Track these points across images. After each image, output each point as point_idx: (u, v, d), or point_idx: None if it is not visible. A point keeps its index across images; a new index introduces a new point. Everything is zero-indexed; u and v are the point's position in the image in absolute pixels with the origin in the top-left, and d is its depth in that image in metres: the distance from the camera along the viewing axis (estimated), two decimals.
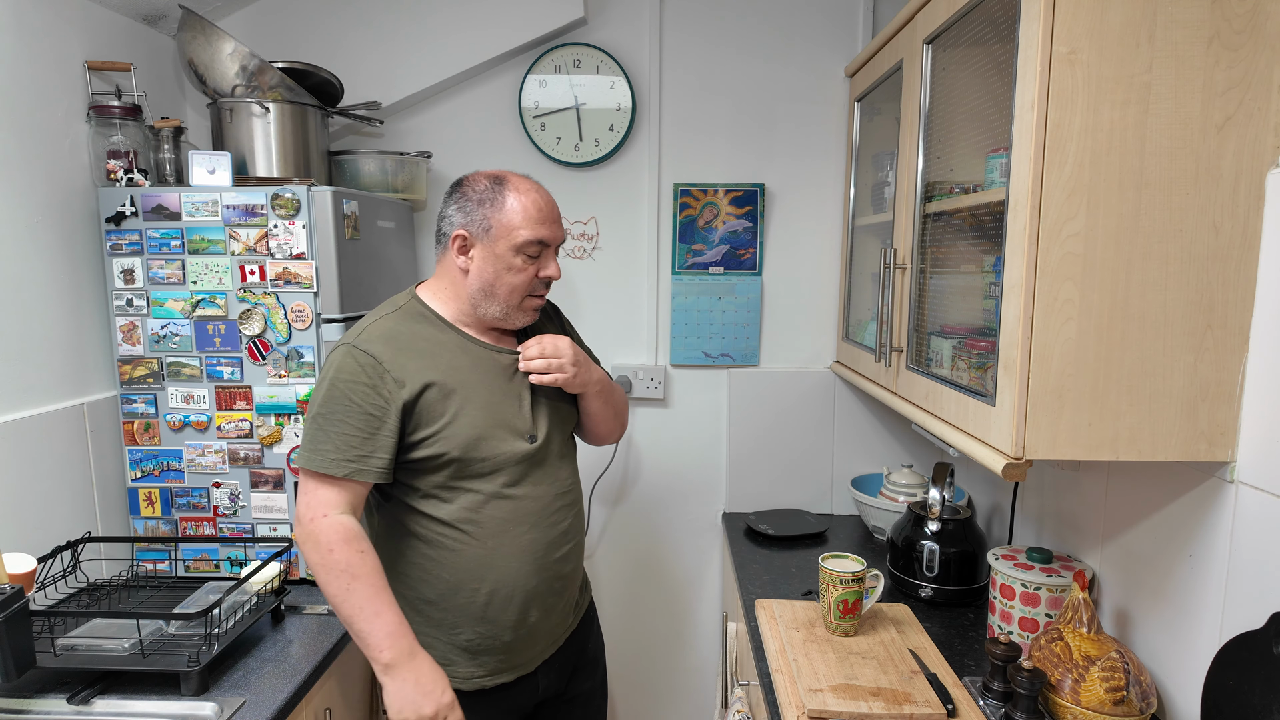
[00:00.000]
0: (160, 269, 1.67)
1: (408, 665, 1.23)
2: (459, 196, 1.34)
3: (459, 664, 1.35)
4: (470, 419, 1.31)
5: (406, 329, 1.33)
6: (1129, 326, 1.06)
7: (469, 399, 1.32)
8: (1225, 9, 1.00)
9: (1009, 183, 1.11)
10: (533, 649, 1.41)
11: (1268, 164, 1.03)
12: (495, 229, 1.31)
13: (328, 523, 1.24)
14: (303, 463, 1.26)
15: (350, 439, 1.25)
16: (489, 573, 1.33)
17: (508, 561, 1.34)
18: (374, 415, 1.26)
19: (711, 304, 2.23)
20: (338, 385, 1.26)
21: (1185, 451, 1.08)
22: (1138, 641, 1.31)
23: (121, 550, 1.73)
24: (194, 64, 1.75)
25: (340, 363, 1.28)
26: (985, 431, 1.18)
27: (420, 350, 1.31)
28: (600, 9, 2.14)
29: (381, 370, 1.27)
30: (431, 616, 1.35)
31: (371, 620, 1.22)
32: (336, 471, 1.24)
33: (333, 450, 1.25)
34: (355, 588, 1.22)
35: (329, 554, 1.22)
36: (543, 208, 1.33)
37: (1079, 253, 1.05)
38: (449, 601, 1.34)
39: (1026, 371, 1.08)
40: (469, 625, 1.34)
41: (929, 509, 1.73)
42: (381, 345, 1.29)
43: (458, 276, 1.35)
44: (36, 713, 1.27)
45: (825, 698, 1.26)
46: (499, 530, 1.33)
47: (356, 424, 1.25)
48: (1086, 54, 1.02)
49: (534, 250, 1.32)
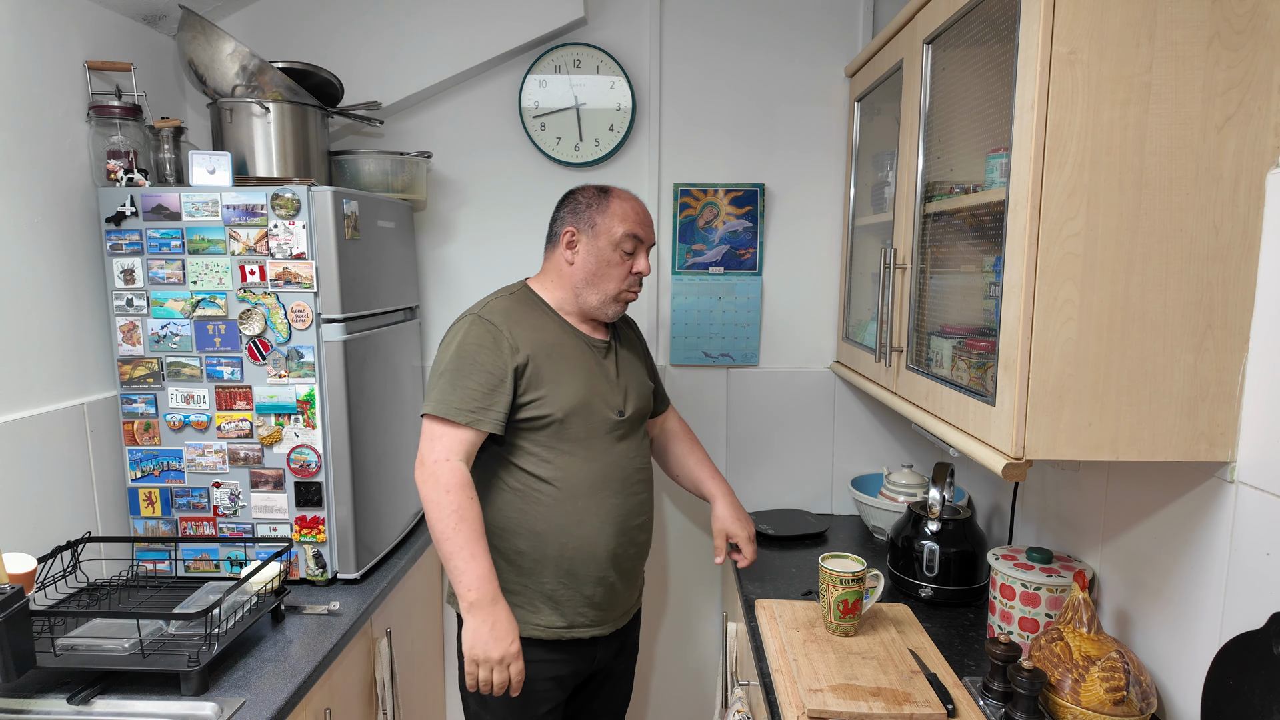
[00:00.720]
0: (160, 269, 1.67)
1: (489, 609, 1.39)
2: (570, 202, 1.59)
3: (543, 611, 1.53)
4: (572, 387, 1.51)
5: (520, 309, 1.56)
6: (1129, 326, 1.06)
7: (572, 371, 1.53)
8: (1225, 9, 1.00)
9: (1009, 183, 1.11)
10: (608, 612, 1.58)
11: (1268, 164, 1.03)
12: (599, 226, 1.55)
13: (449, 466, 1.43)
14: (432, 409, 1.45)
15: (474, 393, 1.45)
16: (576, 528, 1.51)
17: (594, 519, 1.52)
18: (494, 374, 1.46)
19: (711, 304, 2.23)
20: (465, 347, 1.47)
21: (1185, 451, 1.08)
22: (1138, 641, 1.31)
23: (121, 550, 1.73)
24: (194, 64, 1.75)
25: (468, 329, 1.49)
26: (985, 431, 1.18)
27: (532, 326, 1.53)
28: (600, 9, 2.14)
29: (501, 336, 1.48)
30: (521, 566, 1.52)
31: (469, 561, 1.39)
32: (461, 419, 1.44)
33: (458, 401, 1.44)
34: (461, 529, 1.40)
35: (446, 494, 1.41)
36: (639, 211, 1.58)
37: (1079, 253, 1.05)
38: (539, 551, 1.51)
39: (1026, 371, 1.08)
40: (554, 576, 1.52)
41: (929, 509, 1.73)
42: (502, 317, 1.51)
43: (564, 268, 1.58)
44: (36, 713, 1.27)
45: (825, 698, 1.26)
46: (588, 490, 1.52)
47: (480, 380, 1.45)
48: (1086, 54, 1.02)
49: (629, 245, 1.55)
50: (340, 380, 1.68)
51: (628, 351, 1.69)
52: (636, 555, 1.62)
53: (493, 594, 1.40)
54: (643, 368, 1.72)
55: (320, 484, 1.70)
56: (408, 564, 1.93)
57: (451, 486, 1.41)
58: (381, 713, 1.73)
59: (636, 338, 1.79)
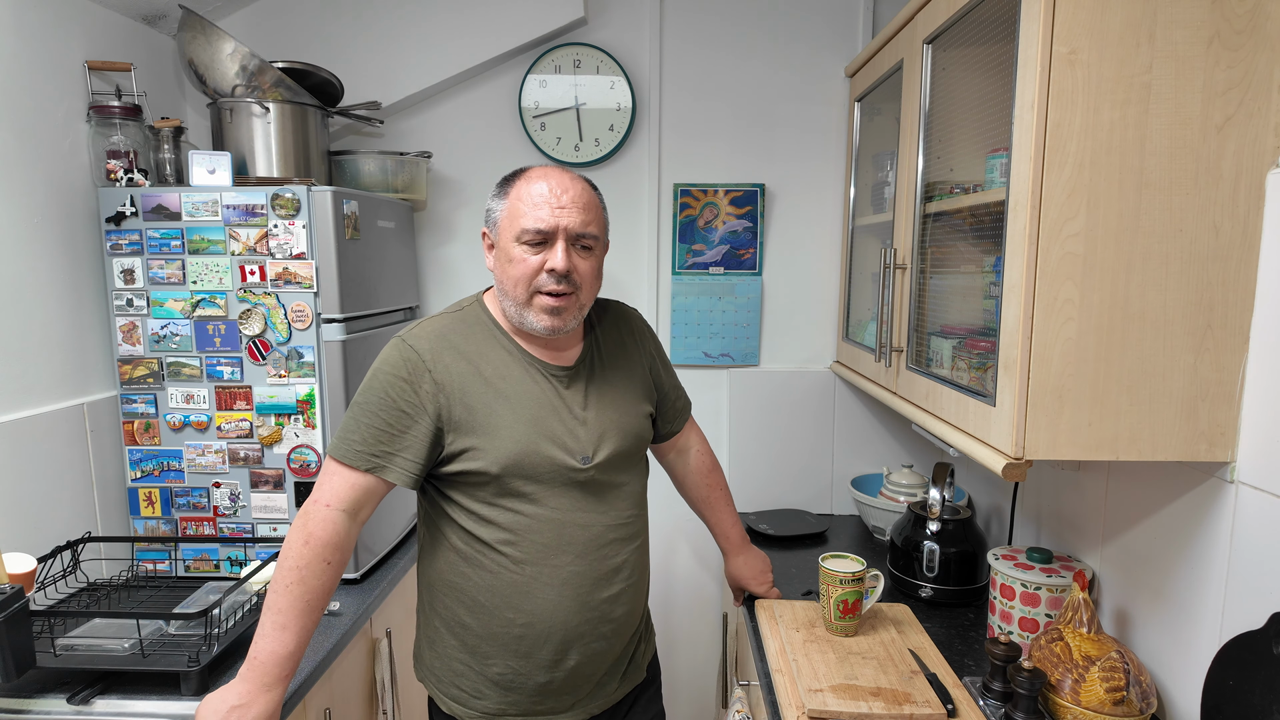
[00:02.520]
0: (160, 269, 1.67)
1: (255, 692, 1.14)
2: (492, 195, 1.30)
3: (489, 697, 1.27)
4: (513, 432, 1.22)
5: (460, 331, 1.28)
6: (1129, 326, 1.06)
7: (515, 411, 1.24)
8: (1225, 9, 1.00)
9: (1009, 183, 1.11)
10: (571, 696, 1.29)
11: (1268, 164, 1.03)
12: (500, 221, 1.25)
13: (325, 514, 1.19)
14: (330, 448, 1.23)
15: (379, 433, 1.20)
16: (525, 602, 1.24)
17: (546, 592, 1.24)
18: (406, 413, 1.21)
19: (711, 304, 2.23)
20: (378, 377, 1.23)
21: (1185, 451, 1.08)
22: (1138, 641, 1.31)
23: (121, 550, 1.73)
24: (194, 64, 1.75)
25: (386, 354, 1.25)
26: (985, 431, 1.18)
27: (468, 354, 1.25)
28: (600, 9, 2.14)
29: (423, 368, 1.22)
30: (465, 641, 1.27)
31: (276, 630, 1.15)
32: (359, 464, 1.20)
33: (359, 442, 1.20)
34: (292, 590, 1.16)
35: (303, 546, 1.17)
36: (554, 192, 1.21)
37: (1079, 253, 1.05)
38: (484, 627, 1.26)
39: (1026, 371, 1.08)
40: (502, 657, 1.26)
41: (929, 509, 1.73)
42: (429, 343, 1.24)
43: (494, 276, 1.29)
44: (36, 713, 1.27)
45: (825, 698, 1.26)
46: (540, 557, 1.24)
47: (387, 419, 1.21)
48: (1087, 54, 1.02)
49: (530, 238, 1.20)
50: (340, 380, 1.68)
51: (614, 372, 1.35)
52: (612, 634, 1.29)
53: (273, 681, 1.15)
54: (637, 390, 1.38)
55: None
56: (408, 564, 1.93)
57: (314, 538, 1.17)
58: (381, 713, 1.73)
59: (636, 345, 1.42)
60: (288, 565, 1.17)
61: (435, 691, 1.33)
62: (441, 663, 1.31)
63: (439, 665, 1.32)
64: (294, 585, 1.16)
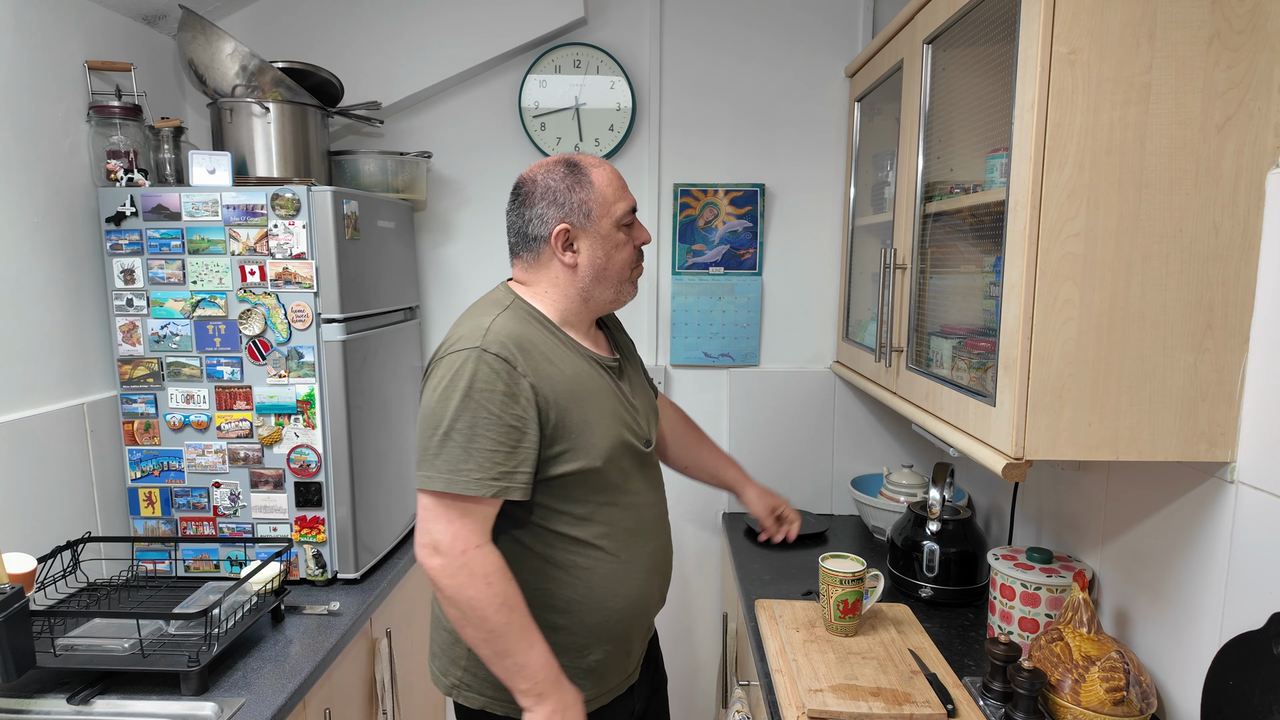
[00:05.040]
0: (160, 269, 1.67)
1: (556, 696, 1.16)
2: (543, 194, 1.25)
3: (584, 685, 1.26)
4: (602, 425, 1.23)
5: (525, 331, 1.22)
6: (1129, 326, 1.06)
7: (598, 404, 1.24)
8: (1225, 9, 1.00)
9: (1009, 183, 1.11)
10: (634, 662, 1.37)
11: (1268, 164, 1.03)
12: (594, 210, 1.25)
13: (481, 553, 1.14)
14: (443, 486, 1.13)
15: (494, 455, 1.14)
16: (622, 586, 1.27)
17: (638, 572, 1.28)
18: (515, 427, 1.15)
19: (711, 304, 2.23)
20: (473, 396, 1.14)
21: (1185, 451, 1.08)
22: (1138, 641, 1.31)
23: (121, 550, 1.73)
24: (194, 64, 1.75)
25: (472, 370, 1.15)
26: (985, 431, 1.18)
27: (544, 354, 1.21)
28: (600, 9, 2.14)
29: (517, 376, 1.16)
30: (558, 642, 1.24)
31: (527, 651, 1.15)
32: (485, 492, 1.13)
33: (477, 469, 1.13)
34: (513, 619, 1.14)
35: (488, 587, 1.13)
36: (620, 176, 1.30)
37: (1079, 253, 1.05)
38: (580, 623, 1.25)
39: (1027, 371, 1.08)
40: (600, 644, 1.27)
41: (929, 509, 1.73)
42: (513, 349, 1.18)
43: (561, 275, 1.27)
44: (36, 713, 1.27)
45: (825, 698, 1.26)
46: (629, 541, 1.27)
47: (498, 437, 1.14)
48: (1087, 54, 1.02)
49: (629, 219, 1.29)
50: (340, 380, 1.68)
51: (631, 359, 1.44)
52: (666, 593, 1.41)
53: (557, 675, 1.17)
54: (642, 373, 1.47)
55: (320, 484, 1.70)
56: (408, 564, 1.93)
57: (492, 575, 1.13)
58: (381, 713, 1.73)
59: (623, 331, 1.52)
60: (492, 608, 1.13)
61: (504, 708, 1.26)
62: None
63: None
64: (511, 614, 1.14)
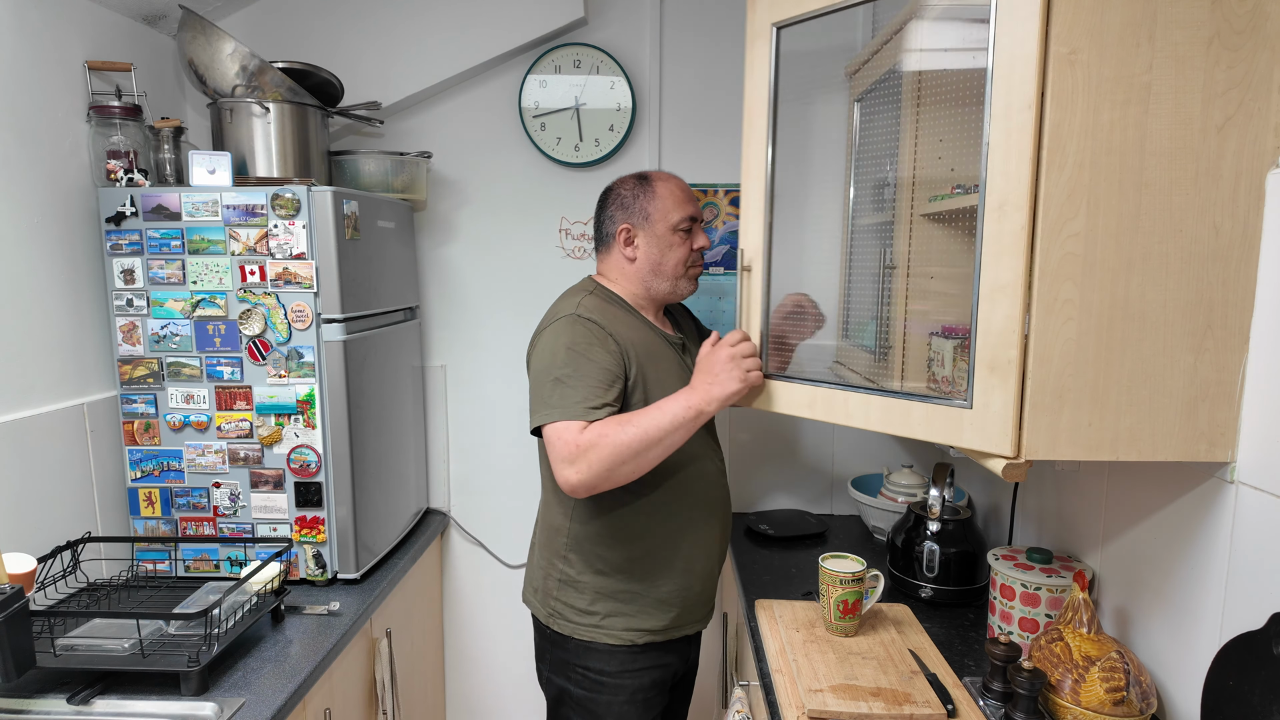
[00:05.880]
0: (160, 269, 1.67)
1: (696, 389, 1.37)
2: (615, 199, 1.58)
3: (654, 614, 1.52)
4: (671, 386, 1.47)
5: (607, 307, 1.52)
6: (1129, 326, 1.06)
7: (668, 372, 1.52)
8: (1225, 9, 1.00)
9: (983, 181, 1.10)
10: (707, 607, 1.62)
11: (1268, 164, 1.03)
12: (653, 215, 1.55)
13: (586, 432, 1.34)
14: (557, 416, 1.37)
15: (595, 389, 1.39)
16: (688, 526, 1.53)
17: (699, 515, 1.55)
18: (609, 369, 1.42)
19: (712, 304, 2.23)
20: (575, 348, 1.42)
21: (1185, 451, 1.08)
22: (1138, 641, 1.31)
23: (121, 550, 1.73)
24: (194, 64, 1.75)
25: (570, 329, 1.44)
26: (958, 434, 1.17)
27: (624, 323, 1.51)
28: (600, 9, 2.14)
29: (605, 334, 1.44)
30: (632, 573, 1.51)
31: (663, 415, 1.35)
32: (588, 417, 1.36)
33: (580, 399, 1.38)
34: (635, 421, 1.34)
35: (603, 438, 1.32)
36: (685, 189, 1.59)
37: (1079, 253, 1.05)
38: (652, 554, 1.51)
39: (1022, 371, 1.07)
40: (669, 576, 1.52)
41: (929, 509, 1.72)
42: (600, 315, 1.47)
43: (627, 266, 1.58)
44: (36, 713, 1.27)
45: (825, 698, 1.26)
46: (690, 487, 1.53)
47: (598, 377, 1.40)
48: (1086, 54, 1.02)
49: (686, 225, 1.56)
50: (340, 380, 1.68)
51: (691, 342, 1.68)
52: (728, 544, 1.68)
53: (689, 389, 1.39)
54: None
55: (320, 484, 1.70)
56: (408, 564, 1.93)
57: (603, 430, 1.34)
58: (381, 713, 1.73)
59: (690, 324, 1.79)
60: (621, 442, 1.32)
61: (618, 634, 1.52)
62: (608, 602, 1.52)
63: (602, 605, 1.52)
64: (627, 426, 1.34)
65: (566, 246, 2.25)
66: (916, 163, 1.52)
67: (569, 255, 2.25)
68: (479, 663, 2.42)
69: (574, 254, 2.25)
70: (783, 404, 1.43)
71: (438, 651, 2.33)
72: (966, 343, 1.37)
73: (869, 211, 1.98)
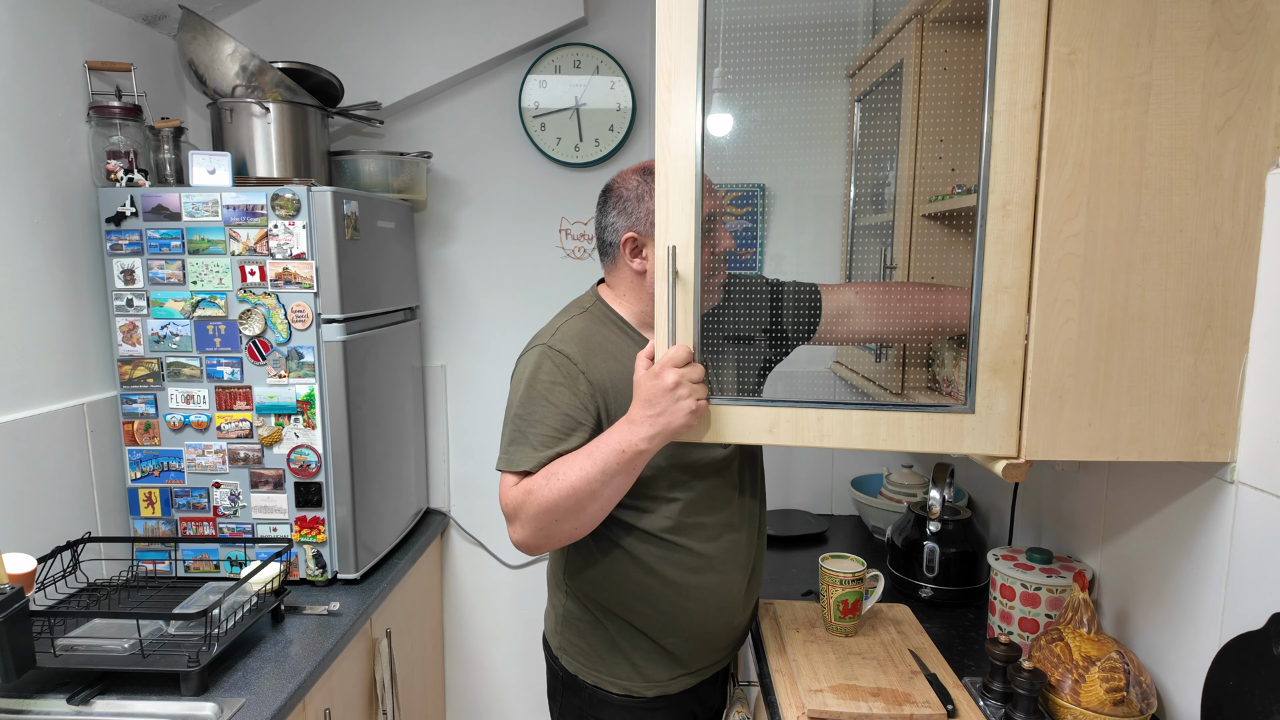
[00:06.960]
0: (160, 269, 1.67)
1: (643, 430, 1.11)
2: (615, 201, 1.30)
3: (659, 667, 1.36)
4: None
5: (597, 331, 1.30)
6: (1129, 327, 1.06)
7: None
8: (1225, 9, 1.00)
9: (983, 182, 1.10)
10: (723, 652, 1.44)
11: (1268, 164, 1.03)
12: None
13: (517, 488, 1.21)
14: (502, 464, 1.25)
15: (547, 436, 1.22)
16: (695, 577, 1.32)
17: (712, 565, 1.34)
18: (571, 416, 1.23)
19: None
20: (535, 386, 1.24)
21: (1185, 452, 1.08)
22: (1138, 641, 1.31)
23: (121, 550, 1.73)
24: (194, 64, 1.75)
25: (535, 364, 1.25)
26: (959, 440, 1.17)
27: (611, 354, 1.28)
28: (600, 9, 2.14)
29: (576, 372, 1.24)
30: (636, 626, 1.35)
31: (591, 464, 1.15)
32: (529, 466, 1.21)
33: (528, 447, 1.22)
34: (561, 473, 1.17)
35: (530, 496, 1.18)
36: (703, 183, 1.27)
37: (1079, 253, 1.05)
38: (658, 610, 1.33)
39: (1022, 372, 1.07)
40: (676, 632, 1.35)
41: (929, 509, 1.72)
42: (575, 345, 1.26)
43: (634, 280, 1.31)
44: (36, 713, 1.27)
45: (825, 698, 1.26)
46: (701, 535, 1.32)
47: (554, 424, 1.22)
48: (1086, 54, 1.02)
49: (705, 227, 1.20)
50: (340, 380, 1.68)
51: None
52: (757, 587, 1.46)
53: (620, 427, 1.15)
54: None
55: (320, 484, 1.70)
56: (408, 564, 1.93)
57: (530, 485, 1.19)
58: (381, 713, 1.73)
59: None
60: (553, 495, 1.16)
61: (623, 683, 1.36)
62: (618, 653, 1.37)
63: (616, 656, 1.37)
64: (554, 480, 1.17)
65: (566, 246, 2.24)
66: (917, 163, 1.51)
67: (569, 255, 2.25)
68: (479, 663, 2.42)
69: (574, 254, 2.25)
70: (731, 432, 1.16)
71: (438, 651, 2.33)
72: None
73: (869, 211, 1.99)
